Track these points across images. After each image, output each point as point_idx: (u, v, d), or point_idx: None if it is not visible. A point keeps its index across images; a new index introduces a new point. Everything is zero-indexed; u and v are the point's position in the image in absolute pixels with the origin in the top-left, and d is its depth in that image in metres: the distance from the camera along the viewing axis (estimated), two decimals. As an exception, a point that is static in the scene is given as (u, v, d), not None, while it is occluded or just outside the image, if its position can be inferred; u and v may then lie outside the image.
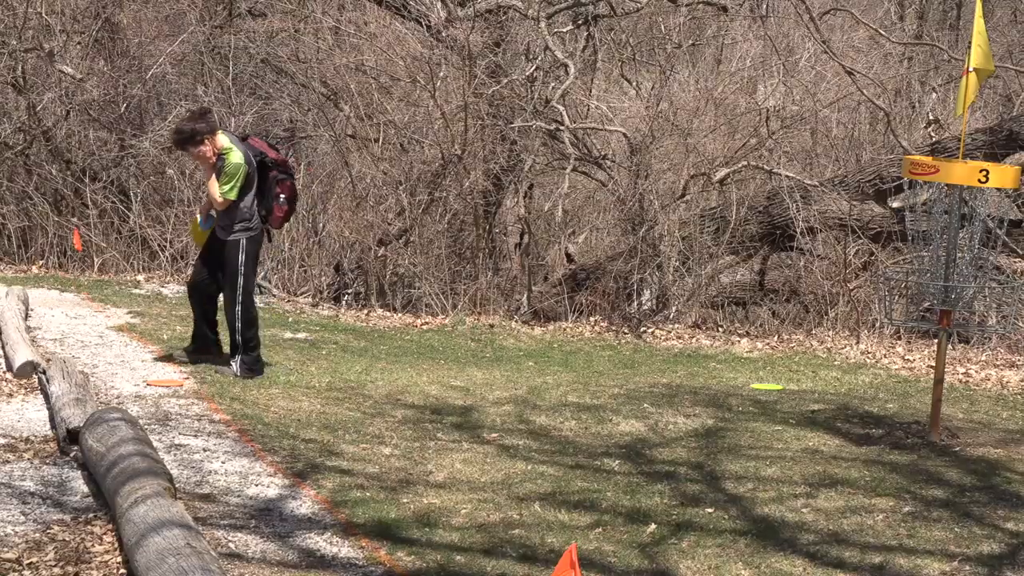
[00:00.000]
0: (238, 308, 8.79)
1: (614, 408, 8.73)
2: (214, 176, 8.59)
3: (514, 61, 15.46)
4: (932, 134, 15.32)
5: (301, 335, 11.25)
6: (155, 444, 6.54)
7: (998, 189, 8.59)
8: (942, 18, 22.31)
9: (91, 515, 5.76)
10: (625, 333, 12.50)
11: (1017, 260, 12.82)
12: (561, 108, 14.36)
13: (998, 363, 11.11)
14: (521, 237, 15.38)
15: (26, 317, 10.10)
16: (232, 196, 8.59)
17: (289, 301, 13.65)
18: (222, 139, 8.61)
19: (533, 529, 6.04)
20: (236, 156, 8.56)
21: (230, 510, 6.03)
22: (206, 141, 8.57)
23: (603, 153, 15.03)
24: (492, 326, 12.59)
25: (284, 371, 9.37)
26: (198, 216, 8.83)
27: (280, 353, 10.13)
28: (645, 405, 8.86)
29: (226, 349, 9.08)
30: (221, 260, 8.81)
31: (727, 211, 13.83)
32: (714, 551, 5.86)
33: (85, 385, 7.60)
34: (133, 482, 5.45)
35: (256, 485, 6.45)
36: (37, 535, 5.46)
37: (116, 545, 5.33)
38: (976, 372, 10.67)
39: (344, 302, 14.16)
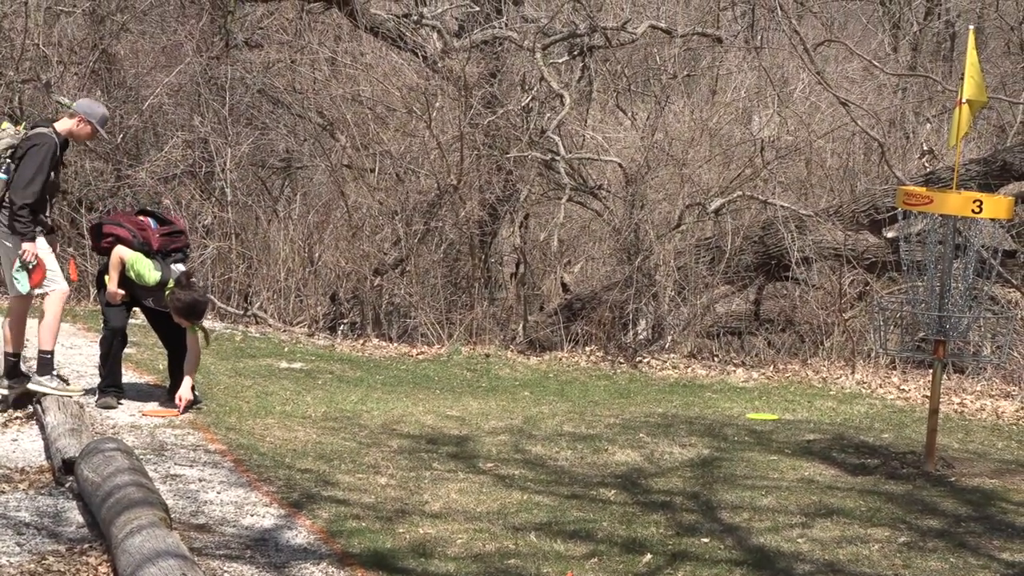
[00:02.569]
0: None
1: (610, 438, 8.73)
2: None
3: (510, 91, 15.52)
4: (926, 164, 15.37)
5: (297, 365, 11.25)
6: (151, 474, 6.54)
7: (992, 219, 8.61)
8: (936, 49, 22.40)
9: (86, 546, 5.75)
10: (621, 363, 12.51)
11: (1011, 290, 12.84)
12: (556, 138, 14.41)
13: (993, 393, 11.11)
14: (517, 267, 15.40)
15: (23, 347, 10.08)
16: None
17: (285, 331, 13.66)
18: None
19: (529, 559, 6.04)
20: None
21: (226, 540, 6.02)
22: None
23: (598, 183, 15.07)
24: (488, 356, 12.59)
25: (280, 401, 9.37)
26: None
27: (276, 383, 10.14)
28: (641, 435, 8.86)
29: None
30: (170, 327, 8.78)
31: (722, 241, 13.86)
32: (710, 581, 5.85)
33: (80, 415, 7.60)
34: (129, 512, 5.44)
35: (252, 515, 6.44)
36: (32, 566, 5.45)
37: (111, 576, 5.33)
38: (971, 402, 10.68)
39: (340, 332, 14.17)
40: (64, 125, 8.35)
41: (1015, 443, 9.18)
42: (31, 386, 8.16)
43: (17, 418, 8.03)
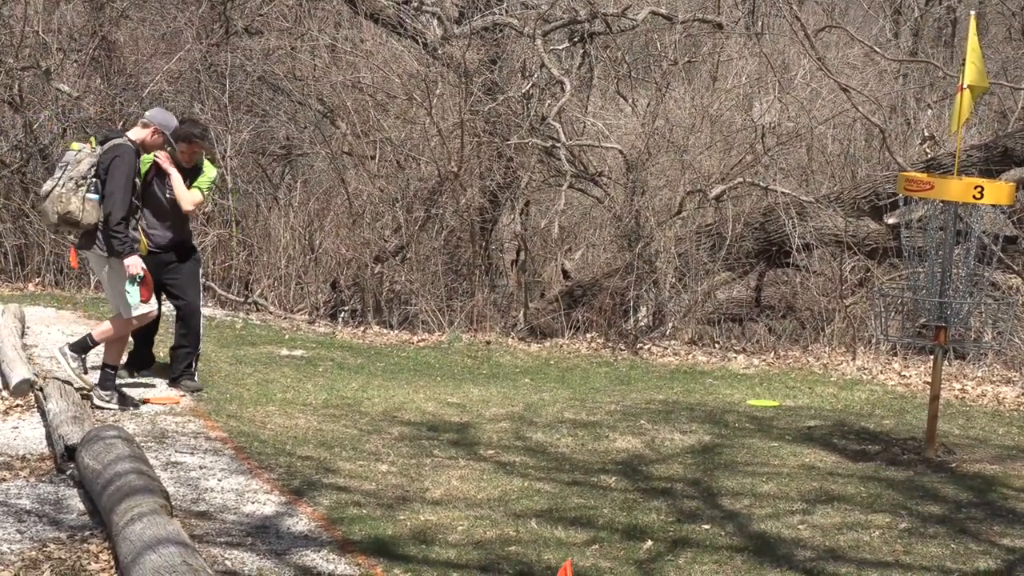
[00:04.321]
0: (201, 316, 9.01)
1: (611, 425, 8.73)
2: (179, 180, 8.71)
3: (510, 78, 15.50)
4: (927, 151, 15.34)
5: (297, 352, 11.25)
6: (151, 462, 6.54)
7: (993, 205, 8.60)
8: (937, 35, 22.37)
9: (87, 533, 5.76)
10: (622, 350, 12.51)
11: (1012, 276, 12.84)
12: (557, 125, 14.39)
13: (994, 379, 11.11)
14: (517, 254, 15.40)
15: (22, 335, 10.10)
16: (200, 199, 8.89)
17: (285, 318, 13.66)
18: None
19: (530, 546, 6.04)
20: (214, 170, 8.95)
21: (227, 527, 6.03)
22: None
23: (599, 170, 15.05)
24: (488, 343, 12.60)
25: (280, 388, 9.37)
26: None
27: (276, 370, 10.14)
28: (642, 422, 8.86)
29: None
30: (175, 273, 8.80)
31: (723, 228, 13.85)
32: (711, 568, 5.86)
33: (82, 403, 7.61)
34: (129, 500, 5.44)
35: (253, 502, 6.45)
36: (33, 553, 5.45)
37: (112, 563, 5.33)
38: (972, 388, 10.68)
39: (340, 319, 14.16)
40: (137, 135, 8.10)
41: (1016, 429, 9.19)
42: (68, 374, 8.13)
43: (18, 406, 8.04)
